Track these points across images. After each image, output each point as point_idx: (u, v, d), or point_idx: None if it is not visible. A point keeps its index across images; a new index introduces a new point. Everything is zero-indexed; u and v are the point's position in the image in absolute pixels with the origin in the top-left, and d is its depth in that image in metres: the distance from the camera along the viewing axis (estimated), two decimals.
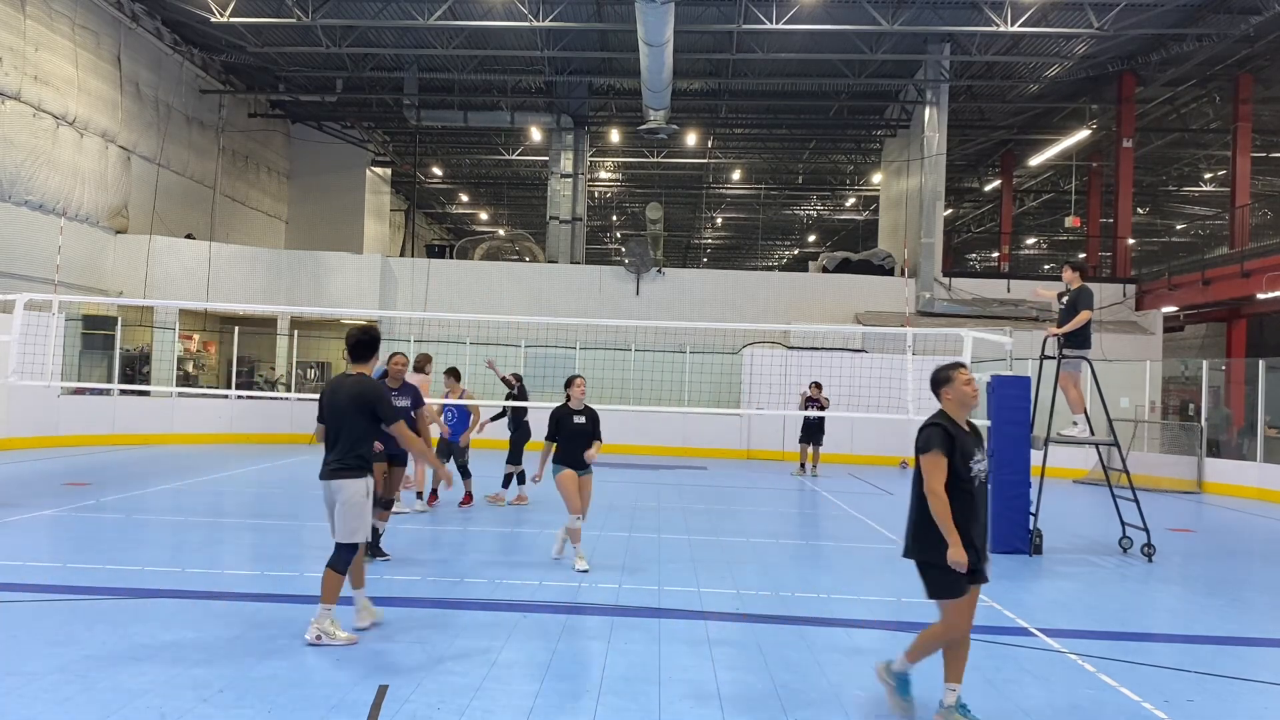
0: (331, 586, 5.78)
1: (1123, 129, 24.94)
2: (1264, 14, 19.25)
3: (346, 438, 5.87)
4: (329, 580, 5.79)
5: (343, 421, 5.89)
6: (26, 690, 4.77)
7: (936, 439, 4.74)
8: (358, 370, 6.08)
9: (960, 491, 4.69)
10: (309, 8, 20.98)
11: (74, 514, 10.25)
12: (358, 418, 5.88)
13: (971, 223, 43.38)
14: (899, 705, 4.97)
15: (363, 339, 6.07)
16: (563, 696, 5.03)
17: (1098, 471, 15.83)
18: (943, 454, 4.69)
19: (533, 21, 20.88)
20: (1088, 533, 11.98)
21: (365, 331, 6.09)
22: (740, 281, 25.92)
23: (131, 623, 6.04)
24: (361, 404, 5.88)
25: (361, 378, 6.02)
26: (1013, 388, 10.33)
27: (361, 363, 6.09)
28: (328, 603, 5.76)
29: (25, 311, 11.12)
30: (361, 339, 6.06)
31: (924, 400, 11.93)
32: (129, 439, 19.42)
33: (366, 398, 5.89)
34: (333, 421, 5.94)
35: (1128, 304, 24.61)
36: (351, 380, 6.00)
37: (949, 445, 4.71)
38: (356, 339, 6.06)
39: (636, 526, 11.06)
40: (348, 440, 5.87)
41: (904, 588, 8.12)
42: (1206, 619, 7.54)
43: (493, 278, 25.55)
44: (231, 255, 24.00)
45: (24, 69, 18.67)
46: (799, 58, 23.53)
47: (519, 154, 33.53)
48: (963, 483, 4.70)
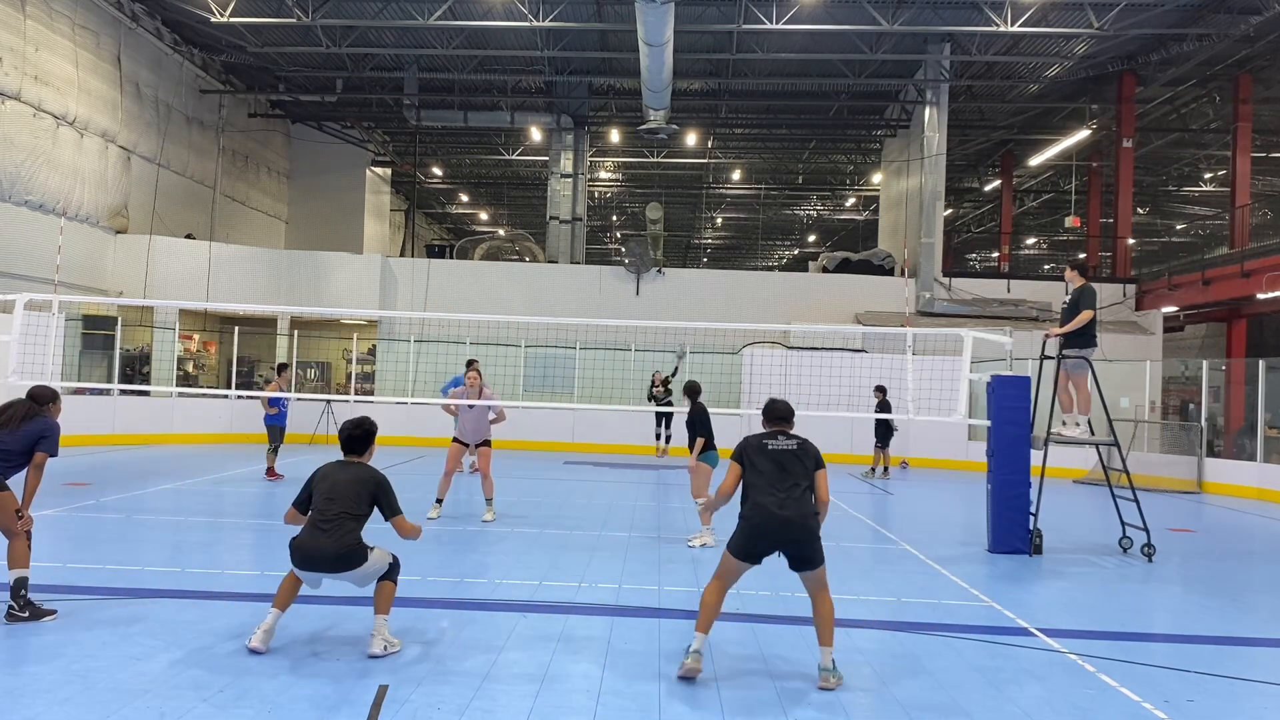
0: (388, 597, 5.73)
1: (1123, 129, 24.94)
2: (1264, 14, 19.25)
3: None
4: (385, 591, 5.73)
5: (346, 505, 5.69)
6: (26, 690, 4.77)
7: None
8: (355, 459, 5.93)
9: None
10: (309, 8, 20.98)
11: (74, 514, 10.25)
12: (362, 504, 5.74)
13: (971, 223, 43.38)
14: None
15: (355, 434, 5.94)
16: (562, 696, 5.03)
17: (1098, 471, 15.84)
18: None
19: (533, 21, 20.88)
20: (1088, 533, 11.98)
21: (359, 426, 5.94)
22: (740, 281, 25.92)
23: (131, 623, 6.04)
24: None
25: (363, 465, 5.90)
26: (1013, 388, 10.32)
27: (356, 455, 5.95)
28: (385, 613, 5.68)
29: (25, 311, 11.11)
30: (355, 434, 5.94)
31: (924, 400, 11.97)
32: (129, 439, 19.43)
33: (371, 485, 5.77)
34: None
35: (1128, 304, 24.61)
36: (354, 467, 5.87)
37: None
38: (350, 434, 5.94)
39: (636, 526, 11.06)
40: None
41: (904, 588, 8.13)
42: (1206, 619, 7.54)
43: (493, 278, 25.55)
44: (231, 255, 24.00)
45: (24, 69, 18.67)
46: (799, 58, 23.53)
47: (519, 154, 33.53)
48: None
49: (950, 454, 21.14)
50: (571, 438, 21.83)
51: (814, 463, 5.75)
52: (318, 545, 5.53)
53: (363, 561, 5.59)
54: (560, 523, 11.09)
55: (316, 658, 5.48)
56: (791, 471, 5.66)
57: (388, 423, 21.74)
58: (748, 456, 5.73)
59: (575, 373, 22.25)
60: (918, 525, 12.14)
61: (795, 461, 5.71)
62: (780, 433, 5.93)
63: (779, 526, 5.48)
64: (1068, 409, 10.48)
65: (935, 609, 7.36)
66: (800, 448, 5.78)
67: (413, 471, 15.88)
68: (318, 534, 5.56)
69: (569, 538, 10.03)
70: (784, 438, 5.86)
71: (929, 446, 21.11)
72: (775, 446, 5.76)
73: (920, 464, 21.15)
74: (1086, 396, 10.38)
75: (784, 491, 5.55)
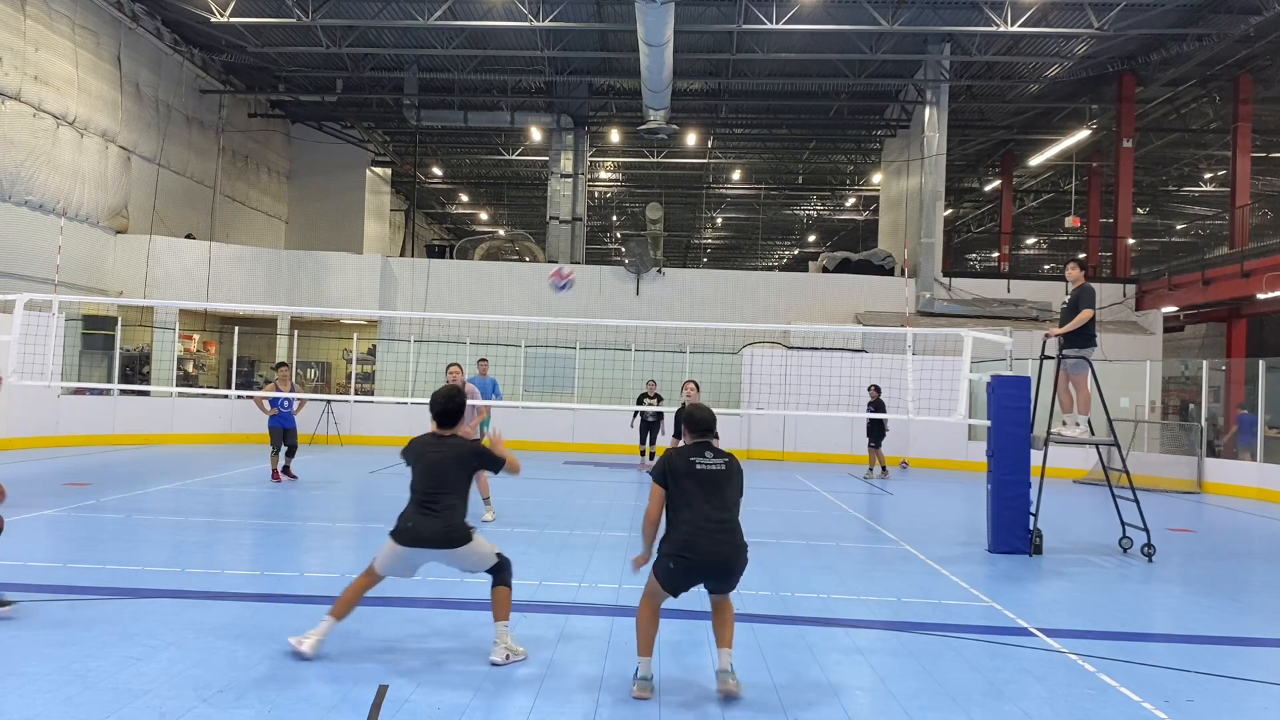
0: (505, 603, 5.63)
1: (1123, 129, 24.95)
2: (1264, 14, 19.25)
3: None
4: (502, 597, 5.62)
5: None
6: (26, 690, 4.77)
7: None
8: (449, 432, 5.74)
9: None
10: (309, 8, 20.98)
11: (74, 514, 10.24)
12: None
13: (971, 223, 43.39)
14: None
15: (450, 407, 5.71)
16: (563, 696, 5.03)
17: (1098, 471, 15.84)
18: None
19: (533, 21, 20.88)
20: (1088, 533, 11.97)
21: (451, 399, 5.71)
22: (740, 281, 25.92)
23: (131, 623, 6.04)
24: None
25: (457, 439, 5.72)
26: (1013, 388, 10.32)
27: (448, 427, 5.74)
28: (505, 619, 5.60)
29: (25, 311, 11.12)
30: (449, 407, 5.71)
31: (924, 400, 11.97)
32: (129, 439, 19.43)
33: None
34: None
35: (1128, 304, 24.61)
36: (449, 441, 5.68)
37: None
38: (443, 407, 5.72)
39: (636, 527, 11.05)
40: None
41: (904, 588, 8.12)
42: (1206, 619, 7.54)
43: (493, 278, 25.56)
44: (231, 255, 24.01)
45: (24, 69, 18.67)
46: (799, 58, 23.53)
47: (519, 154, 33.54)
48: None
49: (950, 454, 21.14)
50: (571, 438, 21.83)
51: (740, 484, 5.19)
52: (429, 526, 5.43)
53: (469, 541, 5.50)
54: (560, 523, 11.09)
55: (316, 658, 5.47)
56: (723, 495, 5.04)
57: (388, 423, 21.90)
58: (672, 478, 5.08)
59: (575, 373, 22.25)
60: (918, 525, 12.13)
61: (726, 483, 5.09)
62: (707, 447, 5.21)
63: (713, 564, 4.99)
64: (1068, 409, 10.48)
65: (935, 609, 7.36)
66: (729, 466, 5.14)
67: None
68: (426, 514, 5.46)
69: (569, 538, 10.03)
70: (711, 454, 5.15)
71: (929, 446, 21.12)
72: (704, 465, 5.09)
73: (920, 464, 21.15)
74: (1086, 396, 10.37)
75: (716, 522, 4.96)
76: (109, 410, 19.56)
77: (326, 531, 10.16)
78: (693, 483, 5.03)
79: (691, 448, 5.19)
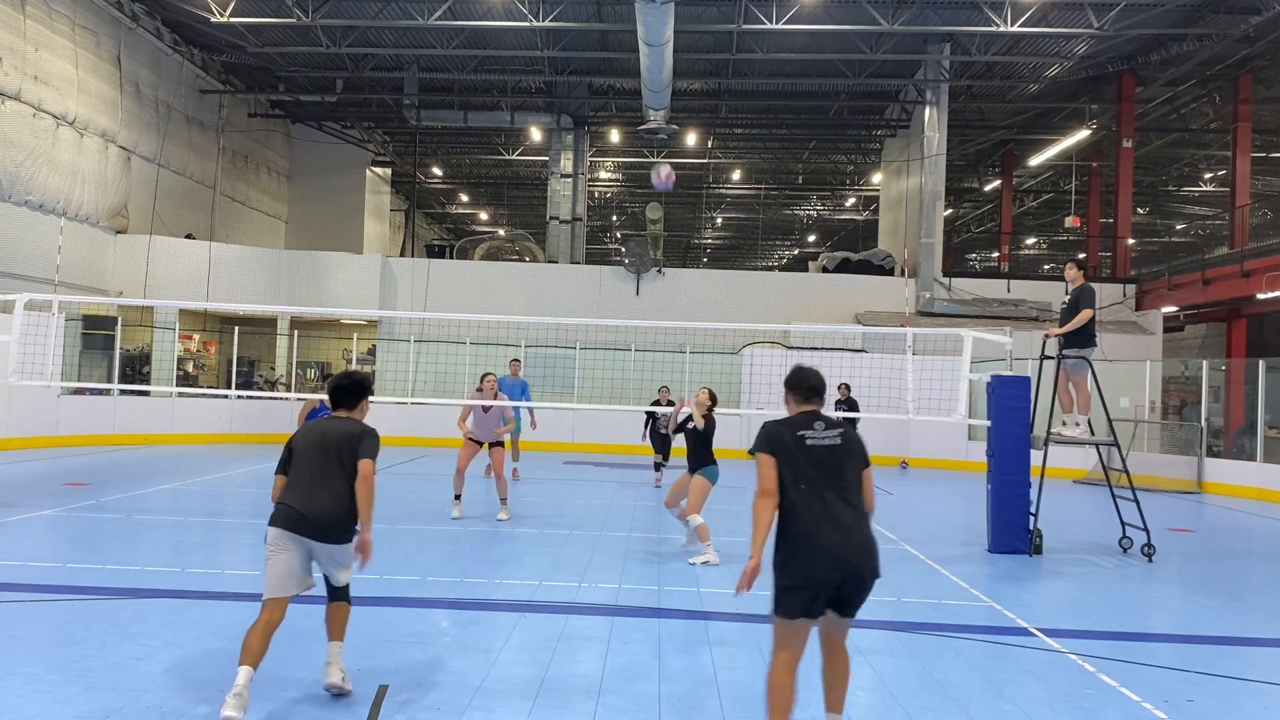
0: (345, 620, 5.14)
1: (1123, 129, 24.94)
2: (1264, 14, 19.24)
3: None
4: (344, 615, 5.11)
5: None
6: (26, 690, 4.77)
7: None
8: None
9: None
10: (309, 8, 20.98)
11: (74, 514, 10.24)
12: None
13: (971, 223, 43.39)
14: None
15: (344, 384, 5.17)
16: (563, 696, 5.03)
17: (1098, 471, 15.83)
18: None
19: (533, 21, 20.88)
20: (1088, 533, 11.97)
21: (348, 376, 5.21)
22: (740, 281, 25.91)
23: (131, 623, 6.04)
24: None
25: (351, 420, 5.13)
26: (1013, 388, 10.32)
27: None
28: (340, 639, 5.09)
29: (25, 311, 11.12)
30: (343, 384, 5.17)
31: (924, 400, 11.97)
32: (129, 439, 19.42)
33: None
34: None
35: (1128, 304, 24.60)
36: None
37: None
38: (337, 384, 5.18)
39: (636, 526, 11.05)
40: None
41: (904, 588, 8.12)
42: (1206, 619, 7.54)
43: (493, 278, 25.55)
44: (231, 255, 24.00)
45: (24, 69, 18.66)
46: (799, 58, 23.53)
47: (519, 154, 33.53)
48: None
49: (950, 454, 21.13)
50: (571, 438, 21.82)
51: (862, 460, 4.22)
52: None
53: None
54: (560, 523, 11.09)
55: (316, 657, 5.47)
56: (843, 477, 4.11)
57: (388, 423, 21.82)
58: (782, 454, 4.08)
59: (575, 373, 22.25)
60: (918, 525, 12.14)
61: (844, 462, 4.13)
62: (815, 416, 4.22)
63: (842, 563, 4.01)
64: (1068, 409, 10.48)
65: (935, 609, 7.36)
66: (844, 439, 4.17)
67: (413, 471, 15.88)
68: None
69: (569, 538, 10.03)
70: (821, 425, 4.17)
71: (929, 446, 21.11)
72: (814, 440, 4.13)
73: (920, 464, 21.15)
74: (1086, 396, 10.37)
75: (838, 510, 4.04)
76: (109, 410, 19.56)
77: None
78: (807, 461, 4.07)
79: (798, 419, 4.22)
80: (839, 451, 4.15)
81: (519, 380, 15.13)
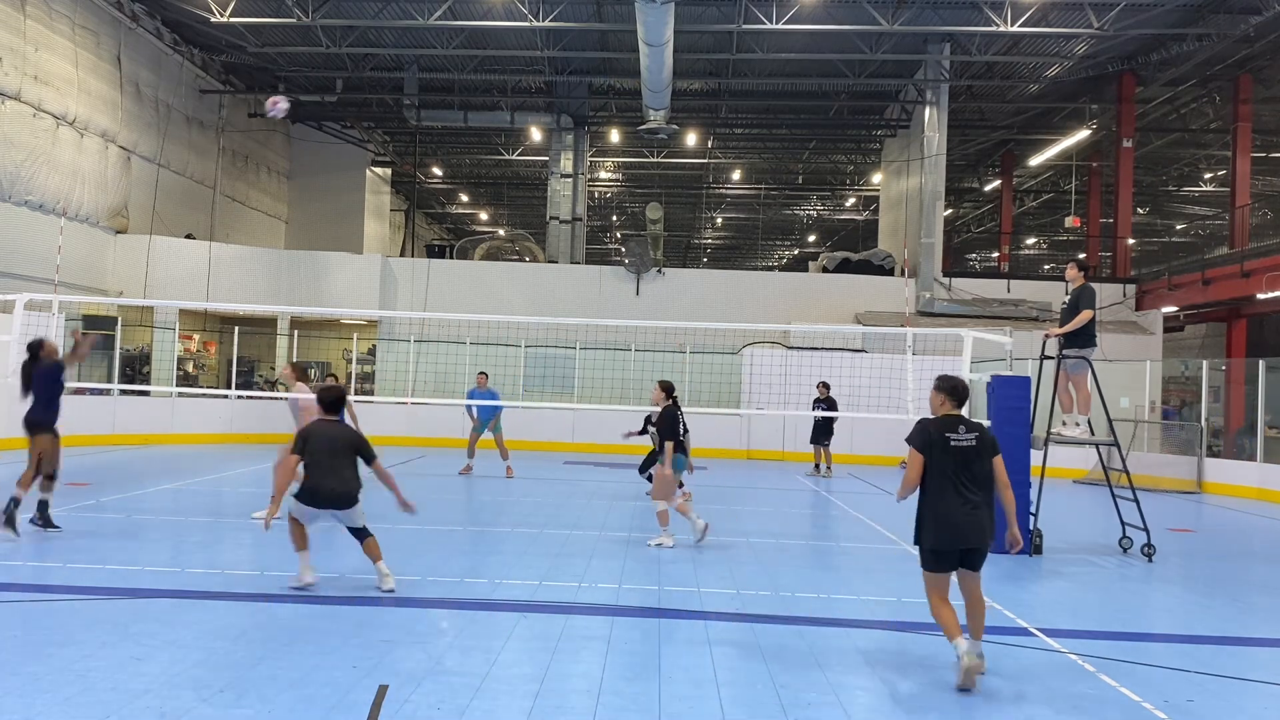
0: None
1: (1123, 129, 24.94)
2: (1264, 14, 19.24)
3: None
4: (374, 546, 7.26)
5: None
6: (26, 690, 4.77)
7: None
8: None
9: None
10: (309, 8, 20.98)
11: (74, 514, 10.24)
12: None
13: (971, 223, 43.39)
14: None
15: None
16: (563, 696, 5.03)
17: (1098, 471, 15.83)
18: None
19: (533, 21, 20.88)
20: (1088, 533, 11.98)
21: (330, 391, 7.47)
22: (740, 281, 25.91)
23: (131, 623, 6.04)
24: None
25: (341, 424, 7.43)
26: (1013, 388, 10.31)
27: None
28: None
29: (25, 311, 11.13)
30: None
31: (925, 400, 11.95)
32: (129, 439, 19.41)
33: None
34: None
35: (1128, 304, 24.60)
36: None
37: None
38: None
39: (636, 526, 11.05)
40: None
41: (904, 588, 8.12)
42: (1206, 619, 7.54)
43: (493, 278, 25.55)
44: (231, 255, 24.00)
45: (24, 69, 18.66)
46: (799, 58, 23.53)
47: (519, 154, 33.53)
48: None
49: None
50: (571, 438, 21.82)
51: (991, 451, 5.41)
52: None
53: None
54: (560, 523, 11.09)
55: (316, 657, 5.47)
56: (976, 476, 5.26)
57: (388, 423, 21.89)
58: (931, 450, 5.25)
59: (575, 373, 22.25)
60: None
61: (977, 461, 5.26)
62: (959, 421, 5.30)
63: (965, 537, 5.33)
64: (1068, 409, 10.47)
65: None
66: (980, 440, 5.31)
67: (413, 471, 15.87)
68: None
69: (569, 538, 10.03)
70: (964, 429, 5.28)
71: None
72: (958, 441, 5.22)
73: None
74: (1086, 396, 10.37)
75: (970, 501, 5.25)
76: (109, 410, 19.55)
77: (326, 530, 10.15)
78: (949, 459, 5.24)
79: (945, 421, 5.33)
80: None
81: (487, 390, 15.57)
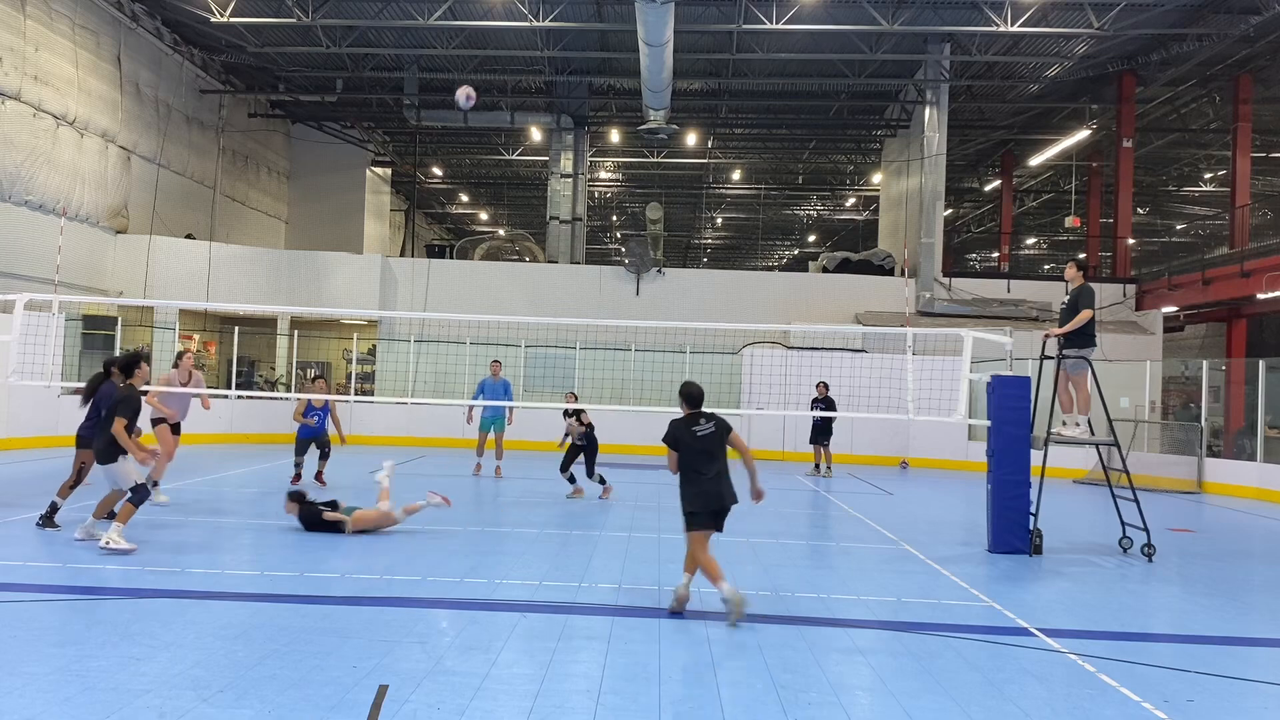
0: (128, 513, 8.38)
1: (1123, 129, 24.94)
2: (1264, 14, 19.25)
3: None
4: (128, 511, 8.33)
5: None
6: (26, 690, 4.77)
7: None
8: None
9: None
10: (309, 8, 20.98)
11: (74, 514, 10.23)
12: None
13: (971, 223, 43.39)
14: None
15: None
16: (563, 696, 5.03)
17: (1098, 471, 15.84)
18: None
19: (533, 21, 20.89)
20: (1088, 533, 11.98)
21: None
22: (740, 281, 25.91)
23: (131, 623, 6.04)
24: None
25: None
26: (1013, 388, 10.31)
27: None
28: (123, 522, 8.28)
29: (25, 311, 11.13)
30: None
31: (924, 400, 11.96)
32: None
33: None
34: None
35: (1128, 304, 24.61)
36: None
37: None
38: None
39: (636, 526, 11.06)
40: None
41: (904, 588, 8.13)
42: (1206, 619, 7.54)
43: (493, 278, 25.55)
44: (231, 255, 24.00)
45: (24, 69, 18.66)
46: (799, 58, 23.53)
47: (519, 154, 33.54)
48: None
49: (950, 454, 21.14)
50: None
51: (726, 432, 6.85)
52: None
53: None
54: (560, 523, 11.09)
55: (316, 657, 5.47)
56: (716, 455, 6.74)
57: (388, 423, 21.85)
58: (679, 443, 6.79)
59: (575, 373, 22.24)
60: (918, 525, 12.14)
61: (718, 444, 6.78)
62: (700, 415, 6.85)
63: (718, 499, 6.73)
64: (1068, 409, 10.48)
65: (935, 609, 7.36)
66: (717, 427, 6.83)
67: (413, 471, 15.87)
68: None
69: (569, 538, 10.03)
70: (705, 420, 6.82)
71: (929, 446, 21.11)
72: (702, 431, 6.76)
73: (920, 464, 21.15)
74: (1086, 396, 10.37)
75: (717, 474, 6.70)
76: None
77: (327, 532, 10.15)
78: (696, 445, 6.77)
79: (688, 418, 6.86)
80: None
81: (501, 380, 15.42)
